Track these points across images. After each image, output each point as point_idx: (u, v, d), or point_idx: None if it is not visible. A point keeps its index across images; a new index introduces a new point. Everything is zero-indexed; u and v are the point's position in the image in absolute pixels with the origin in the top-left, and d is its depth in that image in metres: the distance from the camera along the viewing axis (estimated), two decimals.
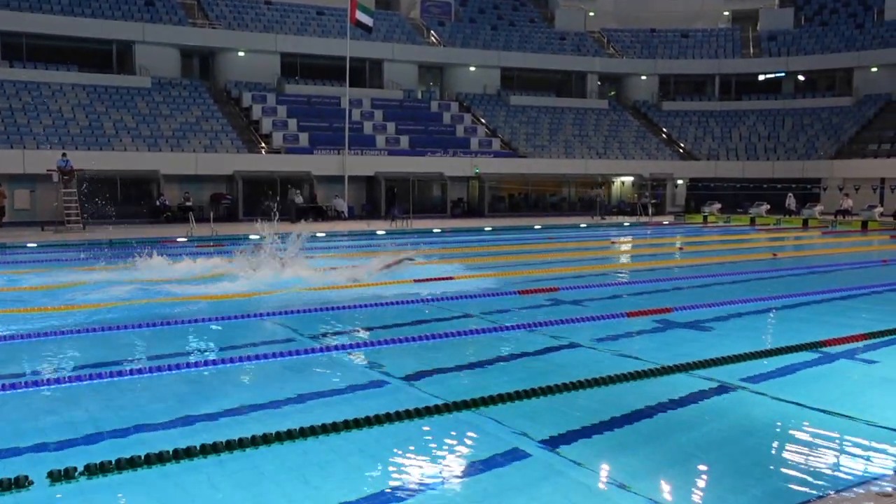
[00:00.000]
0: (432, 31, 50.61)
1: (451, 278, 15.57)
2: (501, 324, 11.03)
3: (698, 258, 20.11)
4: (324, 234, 26.70)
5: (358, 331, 10.87)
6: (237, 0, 46.94)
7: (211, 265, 16.42)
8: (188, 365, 8.59)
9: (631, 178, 45.46)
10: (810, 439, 6.39)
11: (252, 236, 20.97)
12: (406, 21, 51.04)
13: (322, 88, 44.84)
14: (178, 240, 24.85)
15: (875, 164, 41.90)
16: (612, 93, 54.35)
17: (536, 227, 33.21)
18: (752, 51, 53.42)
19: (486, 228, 31.97)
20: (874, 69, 48.62)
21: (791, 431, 6.61)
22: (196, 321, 11.11)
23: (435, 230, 30.60)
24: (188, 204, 34.37)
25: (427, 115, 45.32)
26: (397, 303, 12.76)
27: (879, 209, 35.39)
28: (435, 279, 15.32)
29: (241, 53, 43.87)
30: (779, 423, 6.78)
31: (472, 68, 49.47)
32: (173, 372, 8.29)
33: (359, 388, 7.79)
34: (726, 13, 57.83)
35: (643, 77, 53.20)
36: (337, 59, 42.28)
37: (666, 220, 38.97)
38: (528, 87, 52.44)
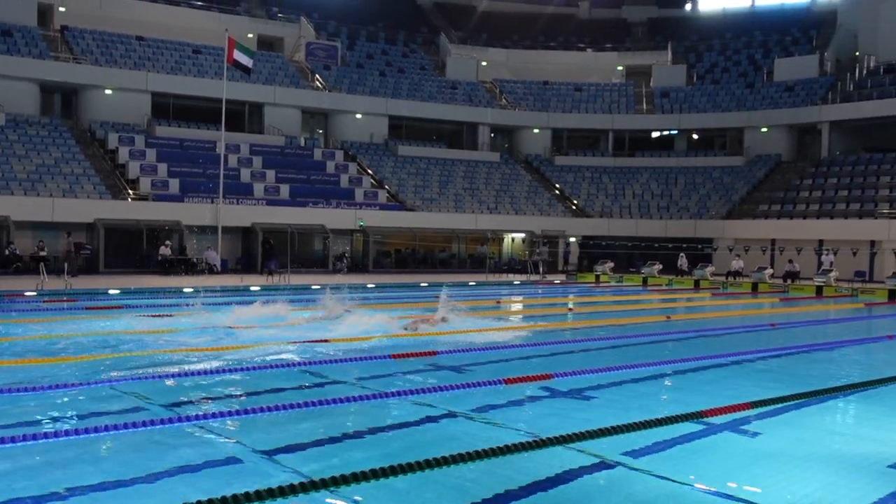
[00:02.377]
0: (317, 76, 50.73)
1: (325, 340, 15.28)
2: (376, 391, 10.82)
3: (587, 320, 20.41)
4: (191, 290, 25.94)
5: (216, 398, 10.46)
6: (106, 34, 45.96)
7: None
8: None
9: (522, 235, 46.20)
10: None
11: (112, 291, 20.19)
12: (290, 64, 51.02)
13: (196, 132, 44.14)
14: (26, 294, 23.71)
15: (765, 224, 43.86)
16: (505, 145, 55.47)
17: (423, 284, 33.14)
18: (645, 107, 55.61)
19: (369, 285, 31.72)
20: (764, 129, 51.22)
21: None
22: None
23: (314, 287, 30.16)
24: (42, 254, 32.93)
25: (310, 163, 45.12)
26: (259, 368, 12.40)
27: (769, 271, 36.91)
28: (309, 341, 15.01)
29: (108, 91, 42.84)
30: None
31: (359, 115, 49.69)
32: None
33: (211, 465, 7.42)
34: (620, 68, 60.17)
35: (536, 130, 54.53)
36: (213, 101, 41.60)
37: (557, 278, 39.63)
38: (418, 136, 53.06)
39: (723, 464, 8.00)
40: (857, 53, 52.09)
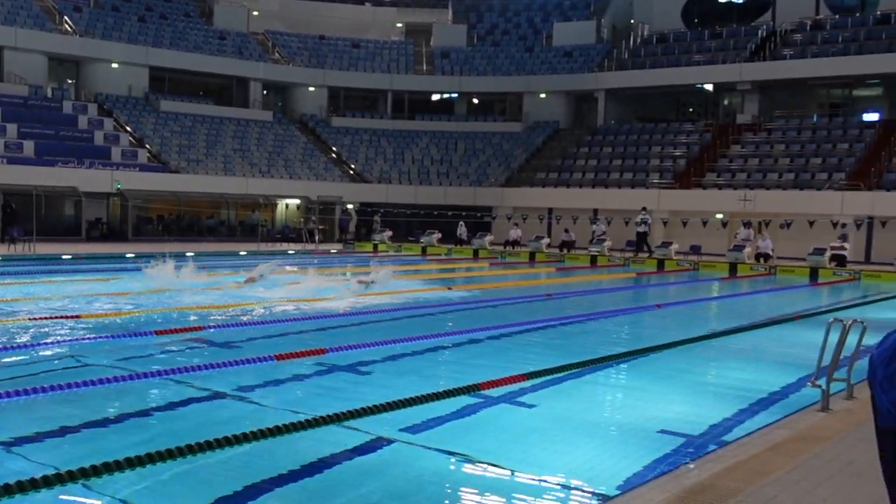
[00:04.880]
0: (66, 18, 47.71)
1: (77, 316, 14.60)
2: (134, 371, 10.48)
3: (364, 293, 20.61)
4: None
5: None
6: None
7: None
8: None
9: (297, 201, 45.83)
10: (473, 497, 6.68)
11: None
12: (34, 2, 47.64)
13: None
14: None
15: (543, 193, 45.86)
16: (279, 103, 54.67)
17: (189, 253, 32.23)
18: (425, 67, 56.39)
19: (129, 255, 30.50)
20: (543, 95, 53.35)
21: (451, 488, 6.87)
22: None
23: (64, 256, 28.66)
24: None
25: (58, 117, 42.51)
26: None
27: (546, 240, 38.69)
28: (57, 317, 14.30)
29: None
30: (441, 480, 7.03)
31: (115, 65, 47.32)
32: None
33: None
34: (399, 25, 60.64)
35: (311, 88, 54.06)
36: None
37: (334, 248, 39.70)
38: (183, 91, 51.25)
39: (499, 436, 8.39)
40: (633, 21, 55.21)
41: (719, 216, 39.22)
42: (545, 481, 6.99)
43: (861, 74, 44.28)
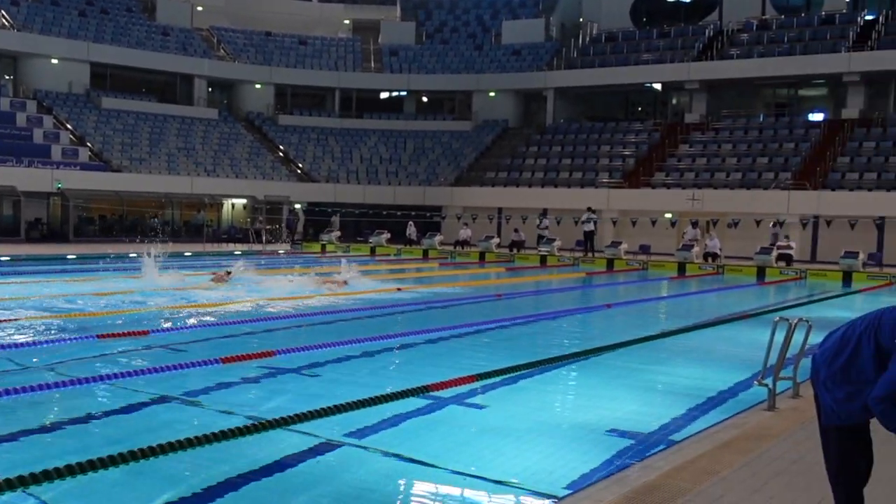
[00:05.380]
0: (3, 12, 46.79)
1: (13, 320, 14.36)
2: (73, 376, 10.31)
3: (313, 294, 20.52)
4: None
5: None
6: None
7: None
8: None
9: (244, 201, 45.46)
10: (423, 500, 6.69)
11: None
12: None
13: None
14: None
15: (492, 192, 46.02)
16: (224, 101, 54.18)
17: (132, 255, 31.85)
18: (373, 65, 56.25)
19: (70, 256, 30.06)
20: (492, 94, 53.54)
21: (401, 492, 6.89)
22: None
23: (2, 258, 28.15)
24: None
25: None
26: None
27: (496, 240, 38.85)
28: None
29: None
30: (390, 483, 7.04)
31: (55, 61, 46.54)
32: None
33: None
34: (347, 21, 60.45)
35: (258, 86, 53.64)
36: None
37: (282, 248, 39.45)
38: (125, 88, 50.58)
39: (449, 439, 8.42)
40: (582, 20, 55.64)
41: (668, 216, 39.68)
42: (496, 483, 7.02)
43: (806, 74, 45.08)
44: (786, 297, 25.67)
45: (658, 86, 50.46)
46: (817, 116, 46.08)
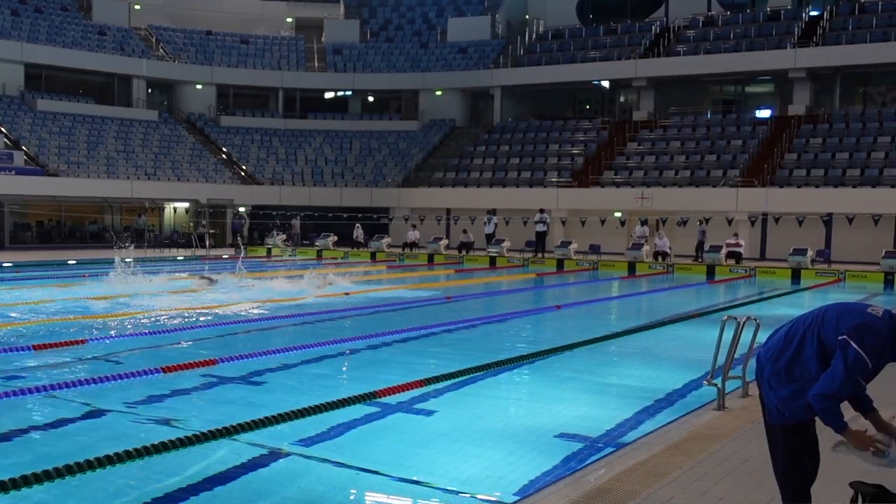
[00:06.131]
0: None
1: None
2: (6, 388, 10.12)
3: (257, 299, 20.37)
4: None
5: None
6: None
7: None
8: None
9: (186, 204, 44.97)
10: None
11: None
12: None
13: None
14: None
15: (440, 193, 46.04)
16: (164, 102, 53.56)
17: (71, 262, 31.44)
18: (317, 64, 55.99)
19: (6, 264, 29.56)
20: (438, 92, 53.58)
21: (351, 501, 6.86)
22: None
23: None
24: None
25: None
26: None
27: (444, 241, 38.88)
28: None
29: None
30: (339, 493, 7.01)
31: None
32: None
33: None
34: (289, 20, 60.07)
35: (199, 86, 53.09)
36: None
37: (226, 253, 39.08)
38: (61, 89, 49.78)
39: (397, 446, 8.39)
40: (528, 17, 55.92)
41: (617, 214, 39.98)
42: (446, 489, 7.03)
43: (753, 70, 45.77)
44: (735, 295, 26.01)
45: (606, 83, 50.84)
46: (764, 113, 46.74)
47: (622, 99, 52.89)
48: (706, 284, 29.56)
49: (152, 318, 16.53)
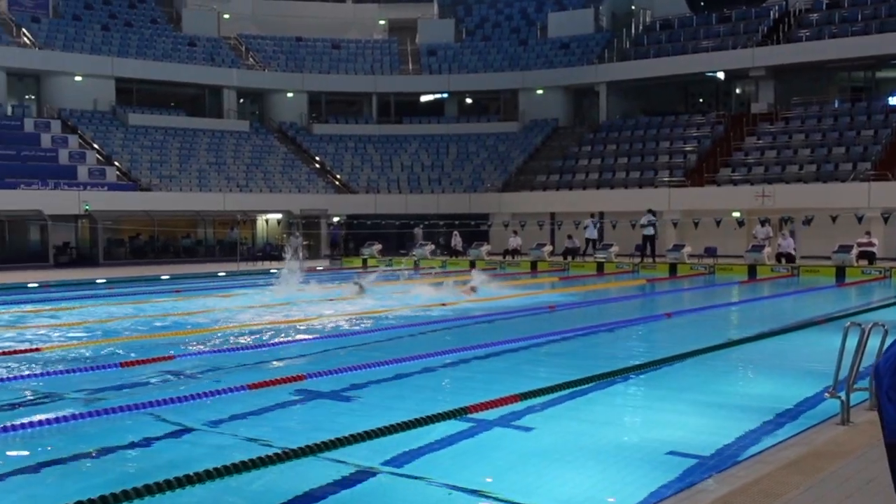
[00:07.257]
0: (24, 30, 47.86)
1: (37, 350, 14.60)
2: (98, 407, 10.43)
3: (349, 311, 20.57)
4: None
5: None
6: None
7: None
8: None
9: (279, 216, 45.83)
10: None
11: None
12: None
13: None
14: None
15: (543, 197, 45.86)
16: (255, 112, 54.73)
17: (164, 277, 32.35)
18: (411, 67, 56.45)
19: (100, 281, 30.60)
20: (539, 91, 53.41)
21: None
22: None
23: (31, 285, 28.71)
24: None
25: (19, 136, 42.63)
26: None
27: (548, 248, 38.66)
28: (17, 351, 14.32)
29: None
30: None
31: (79, 78, 47.43)
32: None
33: None
34: (382, 22, 60.73)
35: (290, 94, 54.12)
36: None
37: (320, 265, 39.65)
38: (152, 103, 51.41)
39: (492, 464, 8.32)
40: (634, 8, 55.34)
41: (735, 215, 39.12)
42: None
43: (884, 55, 44.25)
44: (869, 298, 25.19)
45: (720, 74, 49.88)
46: None
47: (738, 91, 51.84)
48: (835, 287, 28.69)
49: (242, 331, 16.81)
